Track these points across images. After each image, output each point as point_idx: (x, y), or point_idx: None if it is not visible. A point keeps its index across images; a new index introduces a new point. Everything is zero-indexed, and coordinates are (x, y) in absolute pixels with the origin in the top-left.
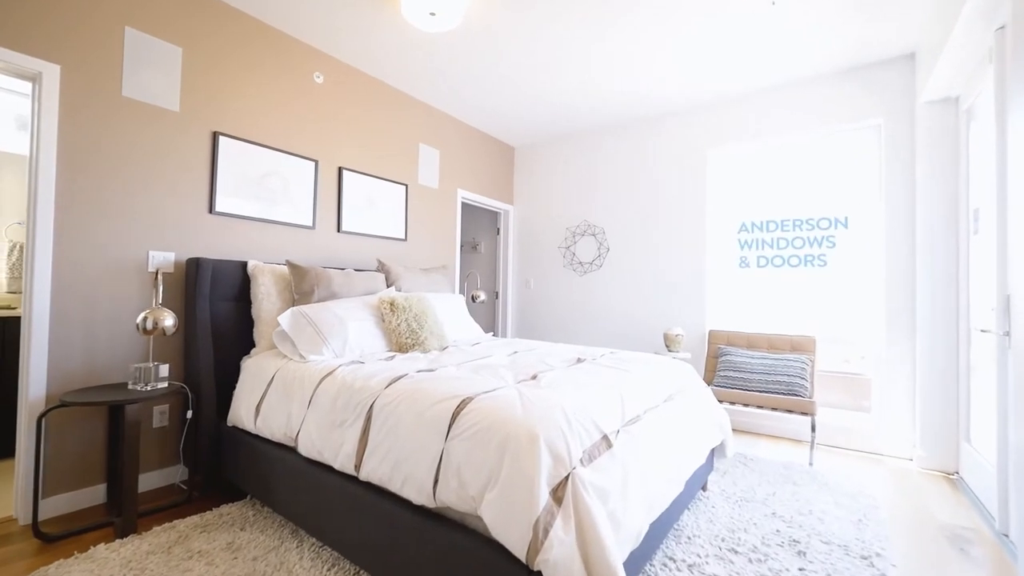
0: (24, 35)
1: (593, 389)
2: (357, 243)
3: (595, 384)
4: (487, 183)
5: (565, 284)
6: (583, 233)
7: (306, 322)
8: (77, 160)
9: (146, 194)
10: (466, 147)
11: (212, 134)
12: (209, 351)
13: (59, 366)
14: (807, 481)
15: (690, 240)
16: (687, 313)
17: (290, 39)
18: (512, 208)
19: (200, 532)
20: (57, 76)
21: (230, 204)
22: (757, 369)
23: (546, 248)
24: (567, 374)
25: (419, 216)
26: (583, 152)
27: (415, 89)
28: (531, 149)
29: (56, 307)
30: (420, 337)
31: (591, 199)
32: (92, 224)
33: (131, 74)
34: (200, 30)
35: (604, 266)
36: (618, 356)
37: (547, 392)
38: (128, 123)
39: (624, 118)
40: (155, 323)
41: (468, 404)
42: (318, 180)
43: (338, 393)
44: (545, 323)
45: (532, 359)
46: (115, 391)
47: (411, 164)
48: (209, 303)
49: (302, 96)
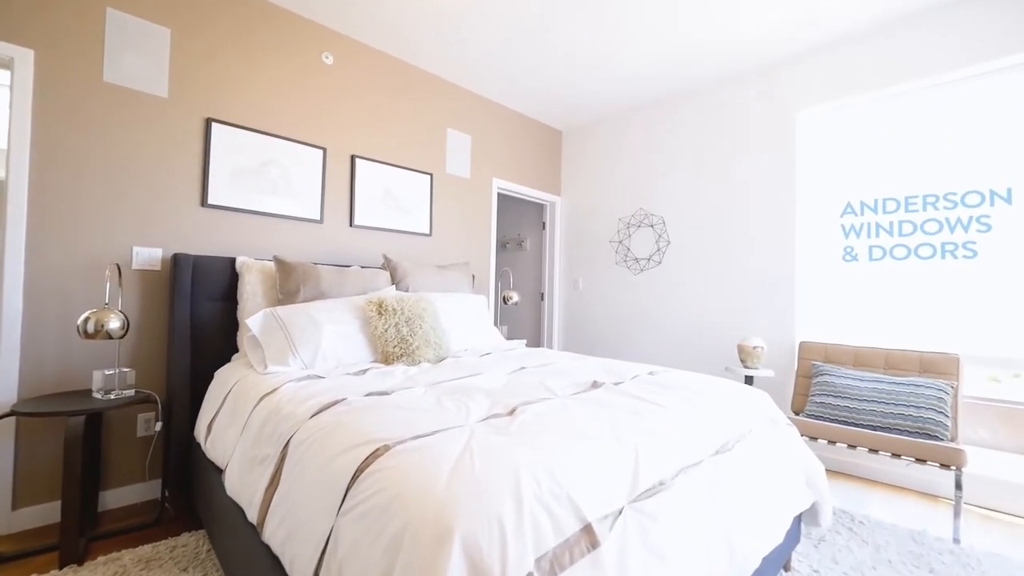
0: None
1: (589, 437)
2: (372, 239)
3: (597, 428)
4: (530, 172)
5: (617, 284)
6: (638, 224)
7: (277, 325)
8: (53, 151)
9: (130, 186)
10: (504, 132)
11: (205, 121)
12: (186, 356)
13: (32, 370)
14: (953, 570)
15: (774, 228)
16: (770, 320)
17: (295, 16)
18: (559, 199)
19: (141, 569)
20: (31, 61)
21: (225, 196)
22: (869, 396)
23: (596, 243)
24: (562, 409)
25: (446, 209)
26: (640, 130)
27: (442, 68)
28: (580, 132)
29: (29, 307)
30: (411, 345)
31: (648, 184)
32: (70, 219)
33: (113, 58)
34: (190, 9)
35: (663, 262)
36: (657, 379)
37: (510, 441)
38: (110, 110)
39: (693, 83)
40: (98, 325)
41: (379, 458)
42: (326, 170)
43: (267, 419)
44: (595, 329)
45: (533, 380)
46: (78, 399)
47: (437, 151)
48: (191, 303)
49: (309, 79)
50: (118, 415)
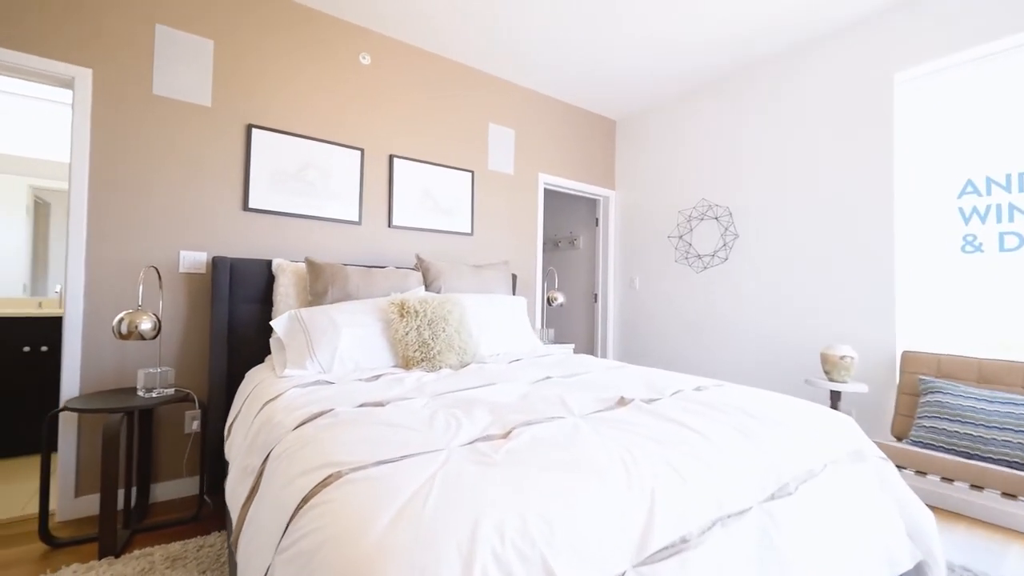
0: (57, 42)
1: (591, 473)
2: (412, 239)
3: (605, 460)
4: (580, 166)
5: (677, 283)
6: (701, 217)
7: (299, 327)
8: (108, 163)
9: (178, 193)
10: (550, 124)
11: (246, 127)
12: (223, 357)
13: (92, 367)
14: None
15: (867, 213)
16: (863, 324)
17: (332, 19)
18: (613, 193)
19: (167, 567)
20: (89, 80)
21: (265, 200)
22: (1002, 422)
23: (654, 239)
24: (570, 432)
25: (489, 207)
26: (703, 113)
27: (482, 60)
28: (636, 120)
29: (89, 309)
30: (432, 350)
31: (712, 172)
32: (123, 226)
33: (162, 71)
34: (232, 20)
35: (730, 258)
36: (704, 397)
37: (487, 474)
38: (159, 121)
39: (765, 52)
40: (131, 326)
41: (327, 488)
42: (364, 170)
43: (261, 427)
44: (652, 333)
45: (551, 394)
46: (123, 396)
47: (478, 148)
48: (229, 305)
49: (346, 80)
50: (167, 412)
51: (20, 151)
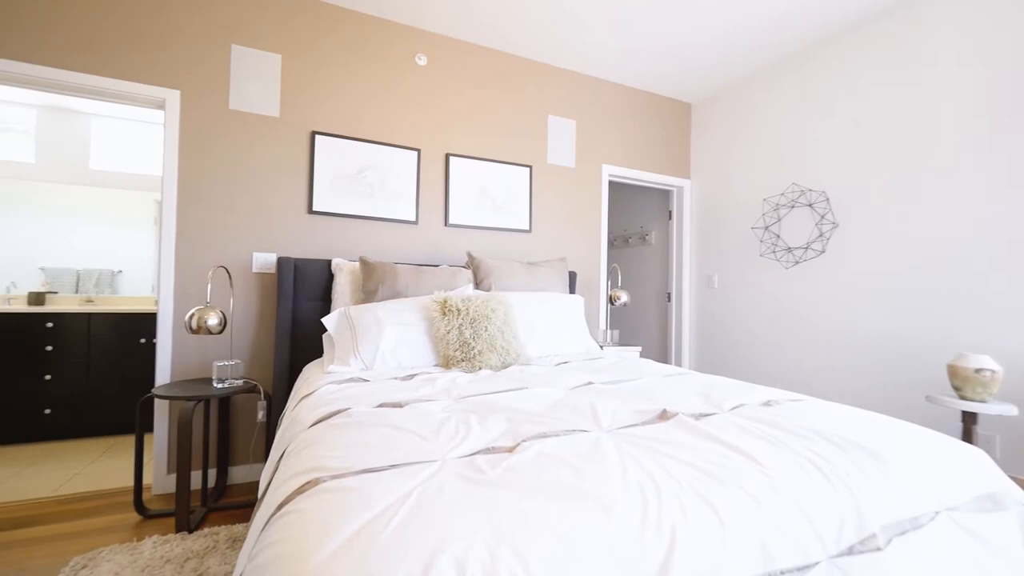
0: (152, 68)
1: (596, 503)
2: (468, 237)
3: (619, 489)
4: (650, 155)
5: (763, 280)
6: (791, 204)
7: (347, 324)
8: (192, 174)
9: (251, 199)
10: (615, 113)
11: (310, 134)
12: (285, 352)
13: (180, 358)
14: None
15: (1005, 186)
16: (1010, 330)
17: (388, 23)
18: (688, 183)
19: (228, 548)
20: (178, 100)
21: (327, 203)
22: None
23: (735, 231)
24: (588, 450)
25: (548, 202)
26: (791, 85)
27: (541, 51)
28: (715, 102)
29: (177, 306)
30: (472, 350)
31: (803, 152)
32: (206, 230)
33: (237, 87)
34: (297, 33)
35: (828, 250)
36: (771, 414)
37: (471, 494)
38: (235, 134)
39: (866, 5)
40: (200, 322)
41: (303, 494)
42: (420, 170)
43: (290, 423)
44: (733, 337)
45: (584, 403)
46: (200, 385)
47: (537, 141)
48: (293, 303)
49: (402, 82)
50: (243, 400)
51: (146, 170)
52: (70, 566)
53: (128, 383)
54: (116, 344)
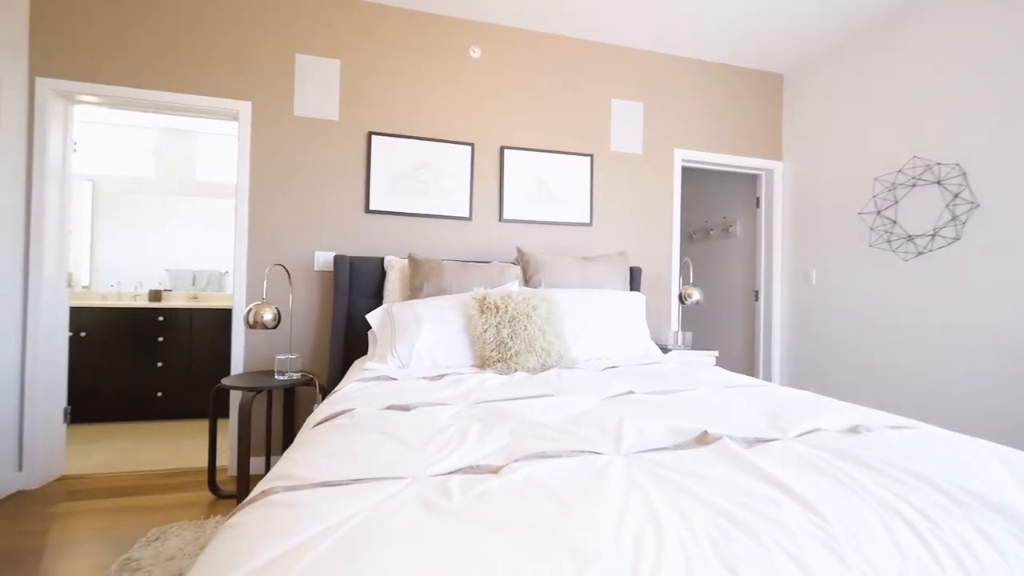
0: (227, 83)
1: (567, 552)
2: (523, 233)
3: (607, 534)
4: (733, 136)
5: (874, 274)
6: (912, 183)
7: (388, 321)
8: (262, 179)
9: (313, 201)
10: (689, 91)
11: (367, 134)
12: (339, 347)
13: (252, 350)
14: None
15: None
16: None
17: (441, 18)
18: (780, 165)
19: None
20: (249, 111)
21: (383, 201)
22: None
23: (838, 217)
24: (585, 479)
25: (611, 193)
26: (915, 33)
27: (603, 31)
28: (812, 68)
29: (249, 302)
30: (509, 350)
31: (928, 116)
32: (273, 231)
33: (300, 94)
34: (354, 37)
35: (963, 237)
36: (854, 446)
37: (420, 529)
38: (299, 139)
39: None
40: (257, 317)
41: (251, 505)
42: (474, 165)
43: (309, 419)
44: (835, 343)
45: (610, 416)
46: (264, 377)
47: (599, 128)
48: (349, 300)
49: (456, 77)
50: (305, 392)
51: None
52: (147, 536)
53: (223, 371)
54: (213, 336)
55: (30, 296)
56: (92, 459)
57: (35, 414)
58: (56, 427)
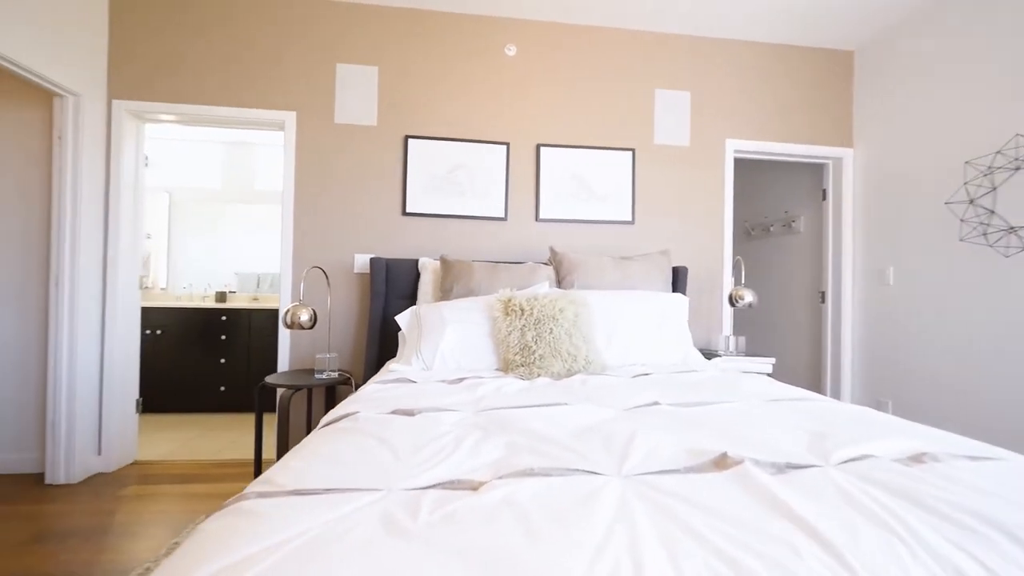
0: (274, 95)
1: None
2: (560, 232)
3: None
4: (793, 122)
5: (966, 273)
6: (1014, 166)
7: (416, 323)
8: (305, 185)
9: (352, 205)
10: (741, 76)
11: (403, 138)
12: (375, 347)
13: (296, 348)
14: None
15: None
16: None
17: (475, 18)
18: (850, 153)
19: None
20: (294, 121)
21: (420, 203)
22: None
23: (921, 209)
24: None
25: (655, 189)
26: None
27: (644, 18)
28: (888, 43)
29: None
30: (533, 354)
31: None
32: (315, 234)
33: (341, 103)
34: (390, 44)
35: None
36: (909, 480)
37: (378, 549)
38: (340, 145)
39: None
40: (294, 318)
41: (220, 511)
42: (510, 165)
43: (322, 420)
44: (915, 352)
45: (623, 431)
46: (305, 375)
47: (641, 120)
48: (385, 301)
49: (491, 76)
50: (343, 390)
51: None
52: (194, 523)
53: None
54: (269, 335)
55: (107, 299)
56: (161, 447)
57: (112, 404)
58: (129, 417)
